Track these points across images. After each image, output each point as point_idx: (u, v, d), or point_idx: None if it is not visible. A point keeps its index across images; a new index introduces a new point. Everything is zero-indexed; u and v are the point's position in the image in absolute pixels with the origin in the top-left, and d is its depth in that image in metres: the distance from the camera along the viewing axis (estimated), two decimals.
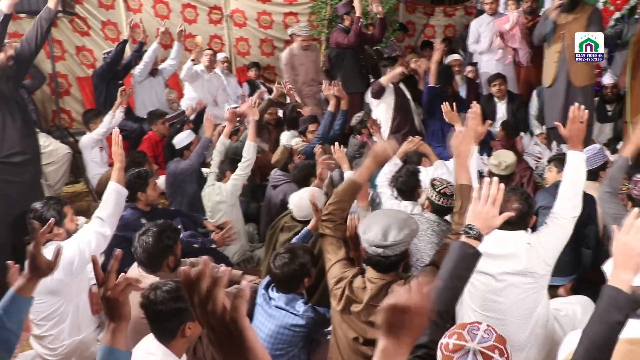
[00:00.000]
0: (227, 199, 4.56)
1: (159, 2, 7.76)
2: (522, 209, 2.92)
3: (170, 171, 5.06)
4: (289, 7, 8.67)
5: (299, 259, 2.88)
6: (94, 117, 5.89)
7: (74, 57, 7.12)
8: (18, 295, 2.04)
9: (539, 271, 2.84)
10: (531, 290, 2.87)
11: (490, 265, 2.89)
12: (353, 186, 2.79)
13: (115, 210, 3.18)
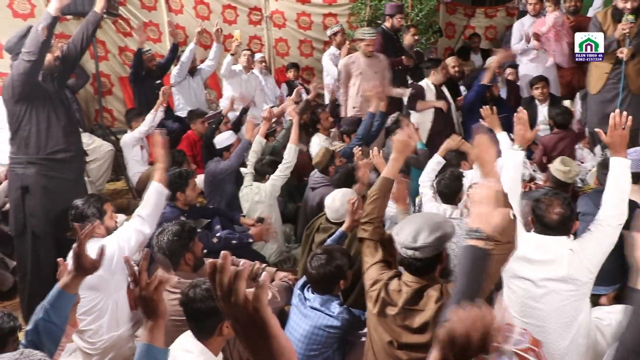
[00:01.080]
0: (265, 199, 4.58)
1: (200, 3, 7.86)
2: (564, 214, 2.87)
3: (210, 170, 5.11)
4: (329, 8, 8.70)
5: (335, 260, 2.88)
6: (136, 116, 5.99)
7: (116, 57, 7.27)
8: (63, 292, 2.11)
9: (581, 278, 2.78)
10: (572, 298, 2.81)
11: (531, 270, 2.85)
12: (385, 182, 2.77)
13: (156, 209, 3.24)
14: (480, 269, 2.03)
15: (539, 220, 2.93)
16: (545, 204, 2.91)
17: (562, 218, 2.87)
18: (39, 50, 3.39)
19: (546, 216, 2.88)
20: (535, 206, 2.95)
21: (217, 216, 4.53)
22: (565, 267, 2.79)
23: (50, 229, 3.66)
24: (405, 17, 7.91)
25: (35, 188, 3.62)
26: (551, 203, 2.89)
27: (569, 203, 2.93)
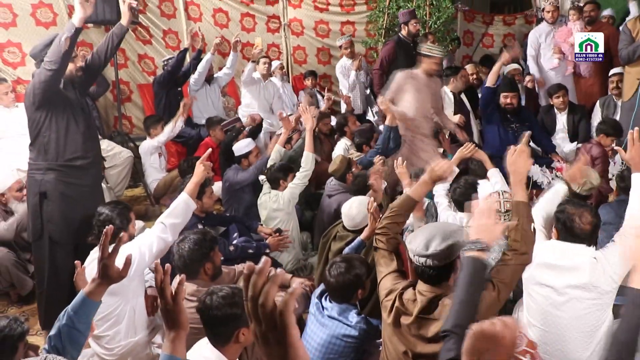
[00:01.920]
0: (284, 207, 4.58)
1: (219, 11, 7.91)
2: (596, 224, 2.88)
3: (228, 179, 5.13)
4: (347, 16, 8.72)
5: (355, 269, 2.88)
6: (154, 123, 6.04)
7: (135, 65, 7.33)
8: (88, 299, 2.13)
9: (603, 287, 2.75)
10: (594, 307, 2.78)
11: (552, 277, 2.84)
12: (409, 202, 2.77)
13: (181, 220, 3.24)
14: (480, 280, 2.11)
15: (568, 230, 2.89)
16: (576, 215, 2.88)
17: (594, 227, 2.87)
18: (60, 60, 3.44)
19: (578, 226, 2.85)
20: (565, 217, 2.91)
21: (234, 224, 4.54)
22: (588, 274, 2.77)
23: (67, 235, 3.70)
24: (423, 25, 7.93)
25: (54, 194, 3.66)
26: (582, 213, 2.87)
27: (596, 213, 2.93)
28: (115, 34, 3.82)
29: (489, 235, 2.16)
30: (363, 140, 5.54)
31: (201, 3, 7.74)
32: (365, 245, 3.41)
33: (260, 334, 1.13)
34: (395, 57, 6.59)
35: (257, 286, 1.12)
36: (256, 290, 1.12)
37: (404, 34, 6.68)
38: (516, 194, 2.48)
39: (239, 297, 2.40)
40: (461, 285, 2.08)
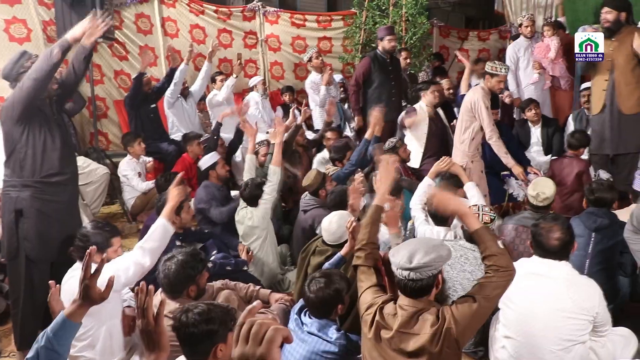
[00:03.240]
0: (259, 224, 4.56)
1: (196, 27, 7.92)
2: (565, 239, 2.92)
3: (200, 201, 5.12)
4: (323, 31, 8.79)
5: (334, 284, 2.88)
6: (132, 140, 6.00)
7: (112, 81, 7.29)
8: (68, 320, 2.10)
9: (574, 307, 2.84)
10: (569, 320, 2.84)
11: (529, 287, 2.87)
12: (375, 210, 2.79)
13: (159, 244, 3.21)
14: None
15: (538, 244, 2.96)
16: (545, 229, 2.95)
17: (562, 243, 2.91)
18: (48, 70, 3.43)
19: (546, 241, 2.92)
20: (535, 231, 2.99)
21: (212, 240, 4.51)
22: (560, 289, 2.84)
23: (44, 253, 3.64)
24: (399, 41, 8.02)
25: (30, 211, 3.60)
26: (551, 229, 2.94)
27: (567, 227, 2.98)
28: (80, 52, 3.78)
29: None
30: (339, 156, 5.55)
31: (178, 19, 7.74)
32: (345, 260, 3.41)
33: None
34: (370, 73, 6.64)
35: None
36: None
37: (380, 49, 6.74)
38: (470, 226, 2.49)
39: (215, 313, 2.39)
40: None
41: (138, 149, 6.01)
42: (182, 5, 7.74)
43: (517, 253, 3.93)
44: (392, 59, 6.80)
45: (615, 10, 5.16)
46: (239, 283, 3.70)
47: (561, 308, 2.84)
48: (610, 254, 3.72)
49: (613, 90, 5.32)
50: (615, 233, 3.72)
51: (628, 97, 5.27)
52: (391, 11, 8.21)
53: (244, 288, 3.66)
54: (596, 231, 3.74)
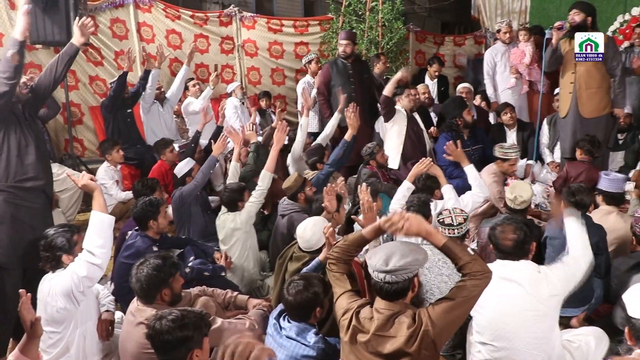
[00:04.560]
0: (242, 227, 4.53)
1: (172, 33, 7.88)
2: (518, 239, 2.97)
3: (175, 197, 5.06)
4: (300, 37, 8.80)
5: (313, 287, 2.87)
6: (110, 148, 5.93)
7: (87, 87, 7.23)
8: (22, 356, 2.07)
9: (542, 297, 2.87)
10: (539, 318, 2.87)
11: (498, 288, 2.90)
12: (361, 240, 2.76)
13: (103, 239, 3.12)
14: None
15: (495, 246, 3.02)
16: (498, 231, 3.00)
17: (516, 243, 2.96)
18: (14, 73, 3.42)
19: (500, 242, 2.98)
20: (491, 234, 3.05)
21: (190, 246, 4.48)
22: (527, 286, 2.88)
23: (17, 260, 3.58)
24: (375, 46, 8.06)
25: (3, 217, 3.54)
26: (504, 229, 2.99)
27: (521, 227, 3.02)
28: (66, 52, 3.77)
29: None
30: (316, 159, 5.54)
31: (154, 24, 7.70)
32: (323, 266, 3.40)
33: None
34: (330, 79, 6.66)
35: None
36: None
37: (339, 51, 6.75)
38: (436, 242, 2.45)
39: (189, 319, 2.37)
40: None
41: (116, 156, 5.94)
42: (158, 11, 7.70)
43: (494, 255, 3.95)
44: (355, 63, 6.79)
45: (583, 13, 5.39)
46: (216, 289, 3.67)
47: (529, 307, 2.86)
48: None
49: (576, 94, 5.50)
50: (589, 235, 3.77)
51: (588, 101, 5.44)
52: (367, 16, 8.25)
53: (222, 294, 3.64)
54: None
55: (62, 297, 2.98)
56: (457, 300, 2.33)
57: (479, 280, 2.34)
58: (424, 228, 2.42)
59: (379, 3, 8.18)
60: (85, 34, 3.75)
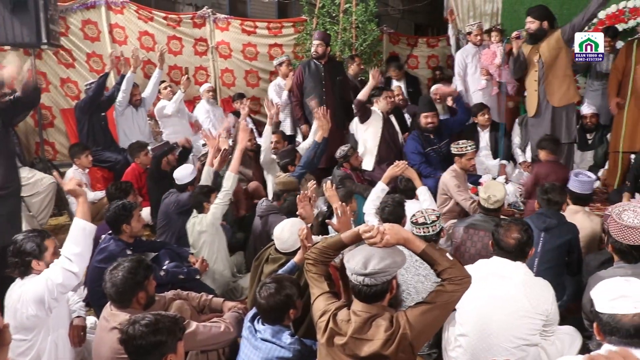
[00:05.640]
0: (207, 229, 4.51)
1: (145, 34, 7.82)
2: (521, 239, 3.03)
3: (171, 201, 5.02)
4: (274, 38, 8.79)
5: (285, 289, 2.87)
6: (80, 152, 5.87)
7: (58, 89, 7.13)
8: None
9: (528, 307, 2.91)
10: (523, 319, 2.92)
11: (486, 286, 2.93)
12: (339, 244, 2.74)
13: (82, 247, 3.07)
14: None
15: (497, 243, 3.07)
16: (504, 229, 3.04)
17: (519, 243, 3.01)
18: None
19: (503, 240, 3.01)
20: (495, 231, 3.09)
21: (164, 249, 4.44)
22: (517, 288, 2.93)
23: None
24: (349, 47, 8.09)
25: None
26: (509, 228, 3.04)
27: (526, 229, 3.07)
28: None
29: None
30: (287, 161, 5.54)
31: (126, 26, 7.63)
32: (299, 268, 3.40)
33: None
34: (302, 80, 6.67)
35: None
36: None
37: (317, 50, 6.76)
38: (415, 249, 2.44)
39: (163, 324, 2.35)
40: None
41: (85, 161, 5.89)
42: (131, 12, 7.64)
43: (468, 255, 4.00)
44: (329, 64, 6.79)
45: (538, 20, 5.56)
46: (191, 292, 3.65)
47: (518, 308, 2.91)
48: (557, 254, 3.83)
49: (544, 86, 5.64)
50: (562, 233, 3.85)
51: (557, 89, 5.58)
52: (341, 18, 8.27)
53: (197, 297, 3.62)
54: (545, 231, 3.84)
55: (34, 304, 2.92)
56: (435, 304, 2.34)
57: (458, 285, 2.35)
58: (402, 236, 2.42)
59: (352, 5, 8.22)
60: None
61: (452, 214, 5.11)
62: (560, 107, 5.61)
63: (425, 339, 2.48)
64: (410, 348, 2.31)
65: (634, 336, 2.06)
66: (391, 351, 2.28)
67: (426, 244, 2.43)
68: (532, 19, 5.57)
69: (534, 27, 5.54)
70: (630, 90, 5.54)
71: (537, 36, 5.57)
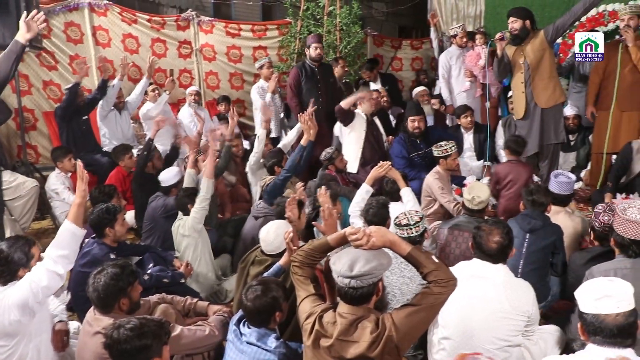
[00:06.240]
0: (189, 233, 4.50)
1: (128, 37, 7.78)
2: (503, 243, 3.03)
3: (158, 205, 5.00)
4: (258, 41, 8.79)
5: (271, 292, 2.86)
6: (62, 156, 5.81)
7: (40, 92, 7.06)
8: None
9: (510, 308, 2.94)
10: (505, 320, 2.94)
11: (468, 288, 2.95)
12: (326, 246, 2.74)
13: (68, 250, 3.03)
14: None
15: (478, 246, 3.07)
16: (485, 232, 3.05)
17: (500, 247, 3.02)
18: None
19: (485, 244, 3.02)
20: (476, 234, 3.10)
21: (149, 253, 4.42)
22: (498, 289, 2.95)
23: None
24: (333, 50, 8.10)
25: None
26: (491, 232, 3.04)
27: (507, 232, 3.07)
28: (11, 50, 3.62)
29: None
30: (274, 162, 5.53)
31: (110, 28, 7.59)
32: (284, 271, 3.40)
33: None
34: (299, 82, 6.67)
35: None
36: None
37: (308, 58, 6.78)
38: (401, 251, 2.45)
39: (148, 327, 2.34)
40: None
41: (68, 164, 5.82)
42: (114, 14, 7.60)
43: (453, 256, 4.01)
44: (321, 67, 6.80)
45: (520, 19, 5.56)
46: (176, 296, 3.63)
47: (499, 309, 2.93)
48: (542, 255, 3.86)
49: (531, 88, 5.66)
50: (547, 234, 3.88)
51: (543, 91, 5.61)
52: (325, 20, 8.29)
53: (182, 301, 3.60)
54: (530, 232, 3.87)
55: (17, 309, 2.87)
56: (421, 306, 2.34)
57: (444, 288, 2.35)
58: (387, 239, 2.42)
59: (336, 7, 8.24)
60: (33, 29, 3.55)
61: (437, 216, 5.13)
62: (548, 108, 5.64)
63: (410, 342, 2.48)
64: (396, 350, 2.31)
65: (617, 336, 2.09)
66: (377, 353, 2.29)
67: (412, 246, 2.44)
68: (514, 19, 5.59)
69: (517, 27, 5.55)
70: (615, 93, 5.58)
71: (520, 36, 5.59)
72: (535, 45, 5.55)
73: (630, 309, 2.13)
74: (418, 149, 6.06)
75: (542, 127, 5.70)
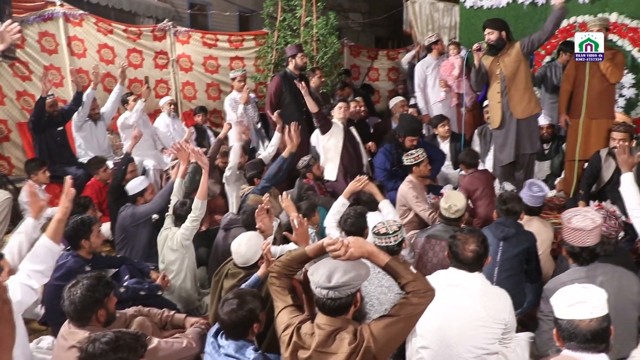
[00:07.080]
0: (177, 248, 4.47)
1: (104, 47, 7.73)
2: (479, 252, 3.04)
3: (126, 215, 4.96)
4: (235, 51, 8.79)
5: (247, 304, 2.85)
6: (36, 168, 5.72)
7: (14, 102, 6.96)
8: None
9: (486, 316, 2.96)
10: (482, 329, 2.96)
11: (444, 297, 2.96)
12: (303, 257, 2.73)
13: (44, 266, 3.02)
14: None
15: (454, 255, 3.08)
16: (461, 241, 3.06)
17: (476, 255, 3.03)
18: None
19: (461, 252, 3.03)
20: (452, 242, 3.11)
21: (125, 265, 4.37)
22: (482, 295, 2.99)
23: None
24: (310, 60, 8.12)
25: None
26: (467, 241, 3.05)
27: (482, 240, 3.09)
28: None
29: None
30: (254, 173, 5.52)
31: (85, 38, 7.53)
32: (262, 282, 3.38)
33: None
34: (281, 92, 6.67)
35: None
36: None
37: (290, 67, 6.80)
38: (379, 262, 2.45)
39: (124, 341, 2.31)
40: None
41: (42, 177, 5.73)
42: (90, 24, 7.54)
43: (430, 265, 4.03)
44: (301, 77, 6.83)
45: (497, 30, 5.63)
46: (152, 309, 3.60)
47: (475, 317, 2.95)
48: (516, 262, 3.90)
49: (507, 99, 5.71)
50: (520, 242, 3.92)
51: (519, 102, 5.67)
52: (302, 31, 8.32)
53: (158, 313, 3.57)
54: (504, 240, 3.90)
55: None
56: (400, 317, 2.34)
57: (422, 298, 2.36)
58: (365, 250, 2.43)
59: (313, 18, 8.27)
60: (6, 40, 3.50)
61: (412, 225, 5.16)
62: (524, 119, 5.70)
63: (389, 352, 2.48)
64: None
65: (591, 341, 2.12)
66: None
67: (390, 257, 2.44)
68: (491, 30, 5.65)
69: (494, 38, 5.61)
70: (585, 101, 5.67)
71: (497, 47, 5.64)
72: (511, 56, 5.61)
73: (604, 314, 2.16)
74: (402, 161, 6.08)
75: (518, 137, 5.75)
